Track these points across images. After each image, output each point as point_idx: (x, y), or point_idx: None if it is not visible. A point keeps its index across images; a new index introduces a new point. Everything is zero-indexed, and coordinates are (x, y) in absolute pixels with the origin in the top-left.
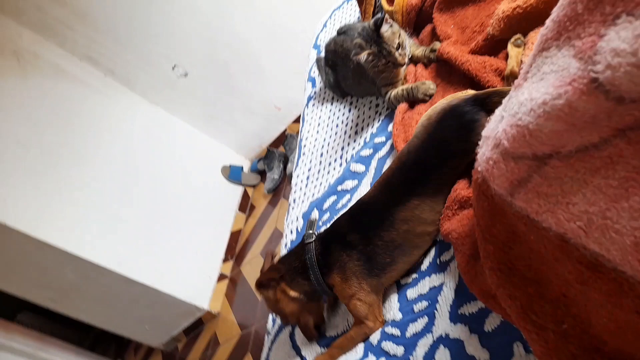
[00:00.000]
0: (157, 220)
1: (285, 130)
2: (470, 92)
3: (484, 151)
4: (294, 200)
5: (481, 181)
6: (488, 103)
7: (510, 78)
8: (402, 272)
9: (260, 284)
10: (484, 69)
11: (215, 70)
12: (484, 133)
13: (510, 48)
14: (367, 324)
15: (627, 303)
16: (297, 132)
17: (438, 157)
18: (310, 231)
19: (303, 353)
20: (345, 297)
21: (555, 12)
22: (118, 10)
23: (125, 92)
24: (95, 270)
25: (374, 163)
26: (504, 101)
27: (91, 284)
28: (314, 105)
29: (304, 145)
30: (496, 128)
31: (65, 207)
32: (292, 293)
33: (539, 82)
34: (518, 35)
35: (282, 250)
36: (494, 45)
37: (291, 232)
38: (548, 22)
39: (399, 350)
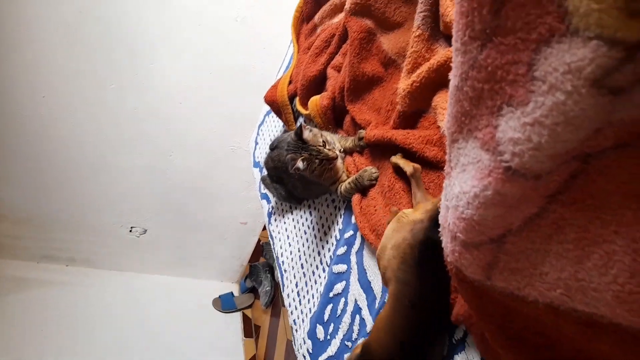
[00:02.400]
0: None
1: (259, 240)
2: (410, 211)
3: (446, 242)
4: (294, 322)
5: (456, 271)
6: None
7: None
8: None
9: None
10: (410, 140)
11: (170, 215)
12: (440, 222)
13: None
14: None
15: (638, 350)
16: None
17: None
18: None
19: None
20: None
21: (450, 109)
22: (55, 203)
23: (92, 273)
24: None
25: (353, 259)
26: (444, 187)
27: None
28: (276, 220)
29: (283, 262)
30: (446, 218)
31: None
32: None
33: (463, 174)
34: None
35: None
36: (409, 119)
37: (304, 357)
38: (448, 117)
39: None
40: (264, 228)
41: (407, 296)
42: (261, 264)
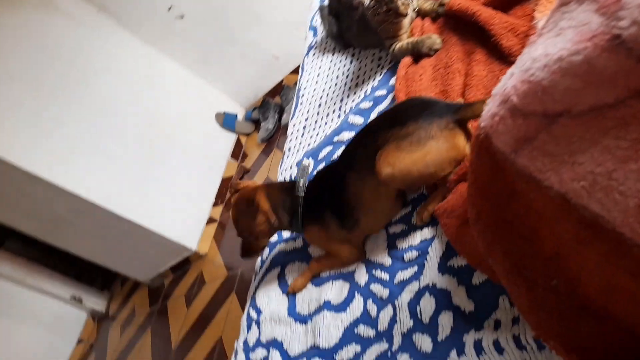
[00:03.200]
0: (150, 159)
1: (283, 80)
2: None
3: (490, 107)
4: (289, 149)
5: (483, 137)
6: (464, 115)
7: None
8: (372, 230)
9: (248, 201)
10: (494, 21)
11: (212, 14)
12: (493, 92)
13: None
14: (342, 258)
15: (622, 264)
16: (295, 84)
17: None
18: (302, 179)
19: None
20: (320, 242)
21: None
22: None
23: (118, 30)
24: (84, 205)
25: (373, 116)
26: (521, 55)
27: (81, 218)
28: (314, 54)
29: (302, 95)
30: (505, 85)
31: (57, 141)
32: (274, 220)
33: (556, 38)
34: None
35: None
36: (505, 1)
37: (285, 179)
38: None
39: (385, 292)
40: (294, 71)
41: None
42: (274, 102)
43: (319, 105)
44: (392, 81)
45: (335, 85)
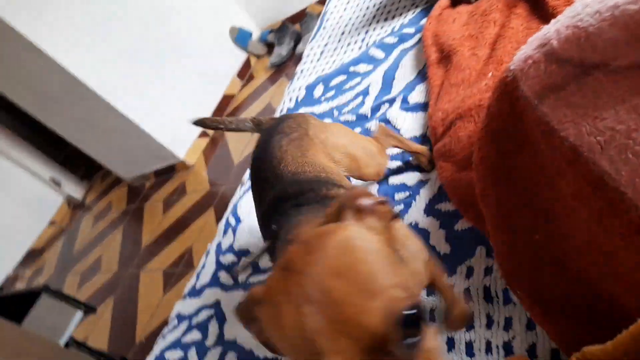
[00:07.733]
0: (155, 58)
1: (306, 8)
2: None
3: (525, 50)
4: (301, 71)
5: (510, 80)
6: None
7: None
8: None
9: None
10: None
11: None
12: (530, 39)
13: None
14: None
15: (615, 224)
16: (318, 14)
17: None
18: None
19: None
20: None
21: None
22: None
23: None
24: (79, 88)
25: (395, 52)
26: (567, 9)
27: (74, 101)
28: None
29: (327, 19)
30: (547, 30)
31: (65, 19)
32: None
33: None
34: None
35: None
36: None
37: (290, 99)
38: None
39: None
40: (319, 1)
41: None
42: (293, 28)
43: (342, 32)
44: (423, 21)
45: (364, 16)
